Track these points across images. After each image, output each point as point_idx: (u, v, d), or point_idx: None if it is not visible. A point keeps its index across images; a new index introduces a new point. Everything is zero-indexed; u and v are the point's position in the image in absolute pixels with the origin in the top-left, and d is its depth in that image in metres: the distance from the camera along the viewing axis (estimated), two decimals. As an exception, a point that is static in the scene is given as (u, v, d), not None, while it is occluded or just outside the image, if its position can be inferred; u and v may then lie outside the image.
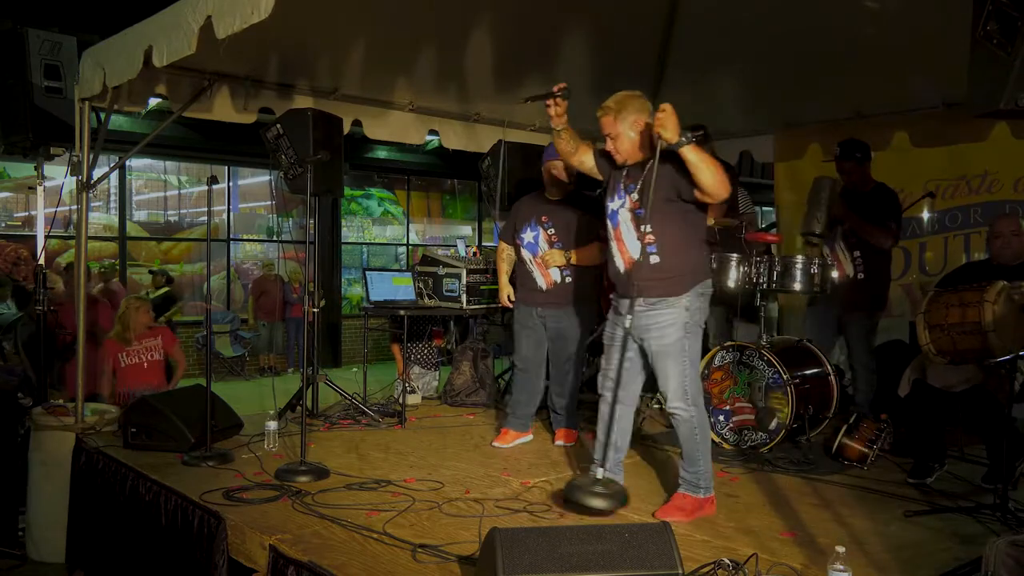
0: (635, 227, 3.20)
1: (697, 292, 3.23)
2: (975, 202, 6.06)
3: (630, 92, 3.24)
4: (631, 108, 3.17)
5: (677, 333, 3.18)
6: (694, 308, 3.21)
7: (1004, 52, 2.45)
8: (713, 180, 2.99)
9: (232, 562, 3.06)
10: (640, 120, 3.17)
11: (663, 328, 3.19)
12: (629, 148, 3.22)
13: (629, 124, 3.17)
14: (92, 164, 4.68)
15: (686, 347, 3.20)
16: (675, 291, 3.18)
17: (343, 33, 4.65)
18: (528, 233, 4.44)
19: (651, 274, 3.18)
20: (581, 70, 5.51)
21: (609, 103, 3.20)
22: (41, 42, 4.99)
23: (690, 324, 3.20)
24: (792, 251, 5.81)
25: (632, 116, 3.17)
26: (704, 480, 3.24)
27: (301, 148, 4.47)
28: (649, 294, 3.19)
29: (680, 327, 3.18)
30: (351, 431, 4.86)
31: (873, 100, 5.61)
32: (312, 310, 3.98)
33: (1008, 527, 3.05)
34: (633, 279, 3.19)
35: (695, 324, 3.23)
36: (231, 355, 11.64)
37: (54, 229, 6.67)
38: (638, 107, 3.18)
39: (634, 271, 3.20)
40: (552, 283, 4.36)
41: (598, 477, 3.10)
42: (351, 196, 13.67)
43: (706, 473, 3.25)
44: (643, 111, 3.18)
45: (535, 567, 2.23)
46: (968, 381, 3.71)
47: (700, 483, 3.24)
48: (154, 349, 5.53)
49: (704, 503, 3.25)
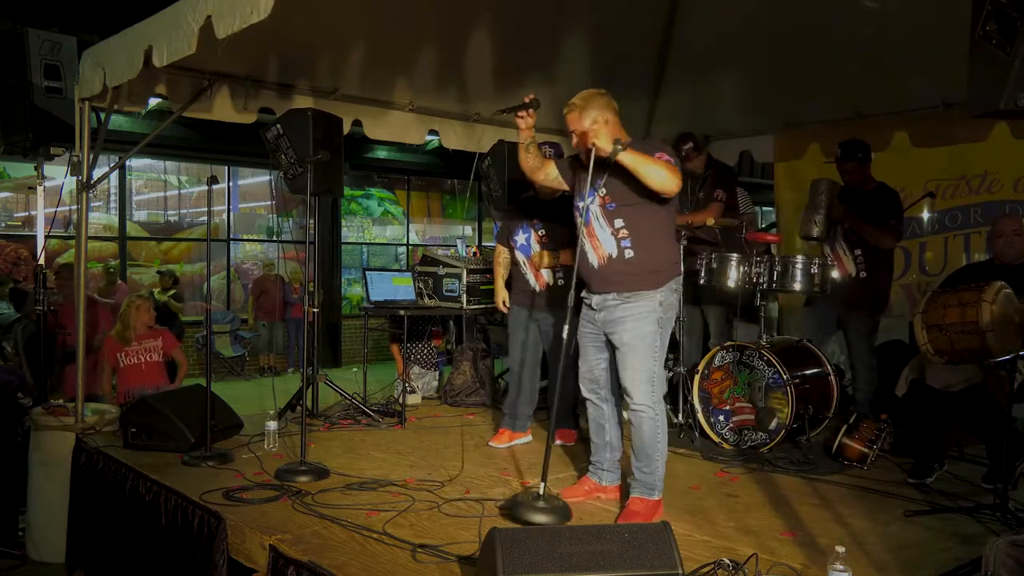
0: (608, 223, 3.20)
1: (671, 288, 3.22)
2: (975, 202, 6.06)
3: (595, 90, 3.25)
4: (595, 105, 3.19)
5: (650, 327, 3.15)
6: (667, 304, 3.20)
7: (1003, 52, 2.45)
8: (658, 178, 2.99)
9: (232, 562, 3.06)
10: (604, 116, 3.18)
11: (637, 319, 3.15)
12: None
13: (593, 120, 3.17)
14: (92, 164, 4.68)
15: (657, 343, 3.16)
16: (650, 285, 3.17)
17: (343, 33, 4.65)
18: (520, 235, 4.46)
19: (626, 268, 3.17)
20: (581, 70, 5.51)
21: (575, 100, 3.23)
22: (41, 42, 4.98)
23: (663, 319, 3.18)
24: (792, 251, 5.81)
25: (595, 112, 3.18)
26: (659, 482, 3.21)
27: (301, 148, 4.47)
28: (623, 288, 3.18)
29: (653, 321, 3.15)
30: (351, 431, 4.86)
31: (873, 100, 5.62)
32: (312, 310, 3.98)
33: (1008, 527, 3.05)
34: (607, 274, 3.20)
35: (667, 320, 3.21)
36: (231, 355, 11.64)
37: (54, 229, 6.67)
38: (602, 104, 3.20)
39: (608, 266, 3.20)
40: (545, 284, 4.36)
41: (540, 493, 3.06)
42: (351, 196, 13.67)
43: (661, 475, 3.21)
44: (608, 108, 3.20)
45: (535, 567, 2.23)
46: (967, 381, 3.71)
47: (656, 484, 3.20)
48: (154, 350, 5.53)
49: (658, 506, 3.21)
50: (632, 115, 6.32)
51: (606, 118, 3.17)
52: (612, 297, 3.20)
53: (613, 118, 3.20)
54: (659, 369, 3.19)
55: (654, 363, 3.16)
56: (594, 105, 3.19)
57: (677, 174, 3.04)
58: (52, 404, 4.68)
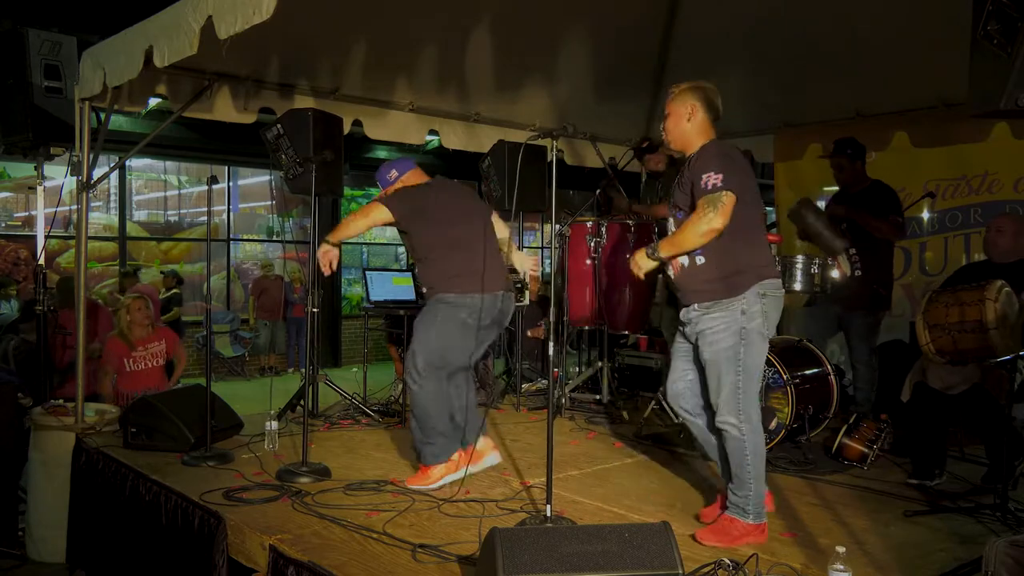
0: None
1: (756, 293, 2.93)
2: (975, 202, 6.06)
3: (700, 83, 3.13)
4: (693, 93, 3.08)
5: (730, 339, 2.91)
6: (752, 312, 2.91)
7: (1004, 52, 2.45)
8: (699, 241, 2.89)
9: (232, 562, 3.06)
10: (695, 108, 3.06)
11: (716, 333, 2.94)
12: (675, 131, 3.12)
13: (683, 108, 3.07)
14: (92, 164, 4.68)
15: (740, 354, 2.91)
16: (729, 293, 2.92)
17: (344, 33, 4.65)
18: None
19: (700, 276, 2.98)
20: (581, 70, 5.52)
21: (681, 83, 3.14)
22: (41, 42, 4.98)
23: (747, 330, 2.91)
24: (792, 251, 5.80)
25: (690, 102, 3.06)
26: (753, 506, 2.92)
27: (301, 148, 4.47)
28: (702, 299, 2.99)
29: (734, 333, 2.91)
30: (351, 431, 4.86)
31: (873, 100, 5.62)
32: (312, 310, 3.98)
33: (1008, 527, 3.05)
34: (684, 285, 3.05)
35: (754, 331, 2.92)
36: (231, 355, 11.65)
37: (54, 229, 6.66)
38: (701, 96, 3.07)
39: (684, 276, 3.04)
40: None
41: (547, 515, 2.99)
42: (351, 196, 13.67)
43: (756, 498, 2.93)
44: (705, 102, 3.06)
45: (535, 567, 2.23)
46: (967, 380, 3.71)
47: (748, 508, 2.93)
48: (159, 355, 5.55)
49: (752, 530, 2.92)
50: (632, 115, 6.34)
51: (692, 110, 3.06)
52: (695, 308, 3.02)
53: (702, 117, 3.06)
54: (747, 383, 2.94)
55: (737, 378, 2.92)
56: (690, 94, 3.07)
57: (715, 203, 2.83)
58: (52, 404, 4.68)
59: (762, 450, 2.96)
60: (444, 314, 3.63)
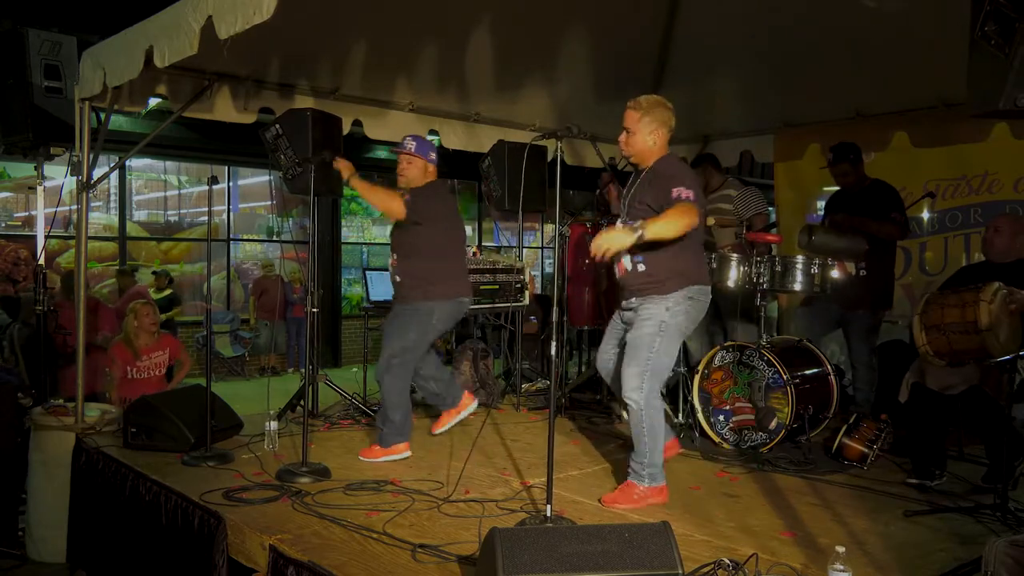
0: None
1: (684, 295, 3.35)
2: (975, 202, 6.06)
3: (662, 100, 3.44)
4: (656, 115, 3.38)
5: (651, 328, 3.32)
6: (676, 310, 3.34)
7: (1002, 53, 2.45)
8: (677, 231, 3.15)
9: (232, 562, 3.07)
10: (660, 130, 3.38)
11: (642, 321, 3.36)
12: (640, 149, 3.42)
13: (649, 127, 3.37)
14: (92, 164, 4.68)
15: (655, 344, 3.31)
16: (660, 291, 3.34)
17: (344, 33, 4.65)
18: None
19: (640, 279, 3.40)
20: (581, 70, 5.52)
21: (641, 100, 3.41)
22: (41, 42, 4.99)
23: (666, 324, 3.32)
24: (792, 251, 5.80)
25: (655, 123, 3.37)
26: (648, 470, 3.35)
27: (300, 148, 4.46)
28: (639, 294, 3.43)
29: (655, 323, 3.32)
30: (351, 431, 4.86)
31: (873, 100, 5.62)
32: (312, 310, 3.99)
33: (1008, 527, 3.05)
34: (627, 283, 3.46)
35: (673, 326, 3.34)
36: (231, 355, 11.65)
37: (54, 229, 6.67)
38: (663, 118, 3.39)
39: (628, 276, 3.44)
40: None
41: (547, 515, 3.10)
42: (351, 196, 13.66)
43: (651, 466, 3.36)
44: (666, 123, 3.40)
45: (535, 567, 2.23)
46: (966, 381, 3.70)
47: (643, 473, 3.36)
48: (161, 364, 5.58)
49: (652, 492, 3.37)
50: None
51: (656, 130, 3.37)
52: (632, 301, 3.47)
53: (664, 135, 3.40)
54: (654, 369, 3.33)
55: (647, 361, 3.32)
56: (656, 114, 3.37)
57: (691, 212, 3.17)
58: (52, 404, 4.68)
59: (658, 426, 3.35)
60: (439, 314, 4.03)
